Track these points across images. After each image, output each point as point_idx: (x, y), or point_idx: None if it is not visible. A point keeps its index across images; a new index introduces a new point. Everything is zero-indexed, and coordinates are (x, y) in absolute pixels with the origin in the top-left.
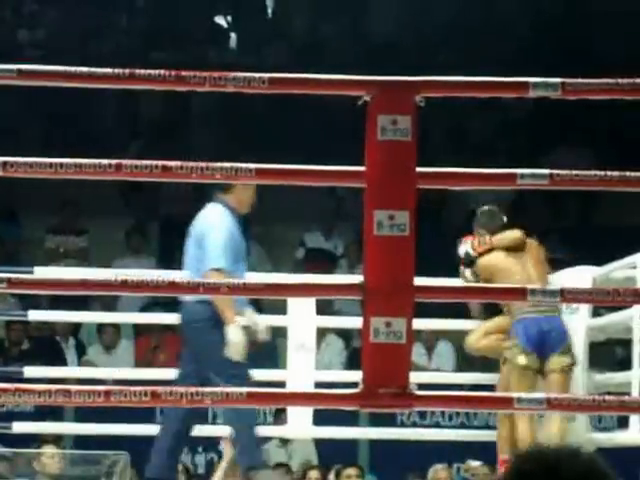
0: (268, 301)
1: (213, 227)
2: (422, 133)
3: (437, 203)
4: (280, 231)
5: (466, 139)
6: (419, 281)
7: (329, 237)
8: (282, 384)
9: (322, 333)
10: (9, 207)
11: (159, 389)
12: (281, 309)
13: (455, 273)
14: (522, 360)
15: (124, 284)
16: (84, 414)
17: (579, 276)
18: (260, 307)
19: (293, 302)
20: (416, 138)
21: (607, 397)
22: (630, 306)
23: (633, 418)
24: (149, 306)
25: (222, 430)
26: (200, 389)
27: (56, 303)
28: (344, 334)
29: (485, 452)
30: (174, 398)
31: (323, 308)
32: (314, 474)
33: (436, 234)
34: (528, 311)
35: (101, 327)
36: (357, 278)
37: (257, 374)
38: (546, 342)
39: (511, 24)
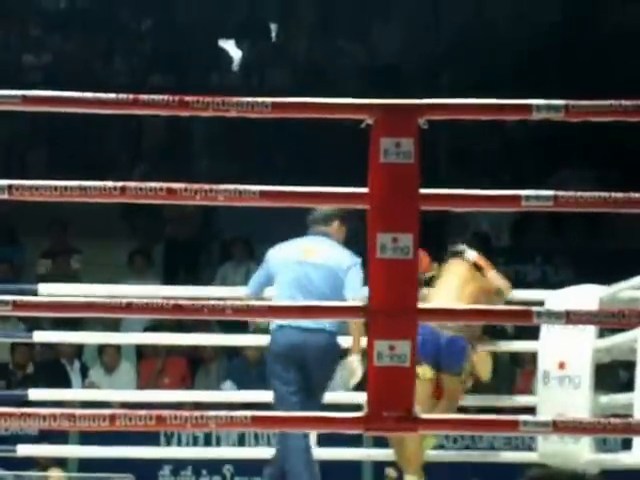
0: None
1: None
2: (426, 155)
3: (438, 225)
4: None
5: (470, 161)
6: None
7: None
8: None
9: None
10: (11, 229)
11: (164, 413)
12: None
13: None
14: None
15: (129, 306)
16: (89, 437)
17: (585, 295)
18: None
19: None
20: (419, 160)
21: (612, 420)
22: (635, 327)
23: (637, 440)
24: (153, 328)
25: (228, 452)
26: (204, 413)
27: (58, 324)
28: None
29: (490, 473)
30: (179, 422)
31: None
32: None
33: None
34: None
35: (102, 348)
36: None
37: (262, 396)
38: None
39: (513, 44)
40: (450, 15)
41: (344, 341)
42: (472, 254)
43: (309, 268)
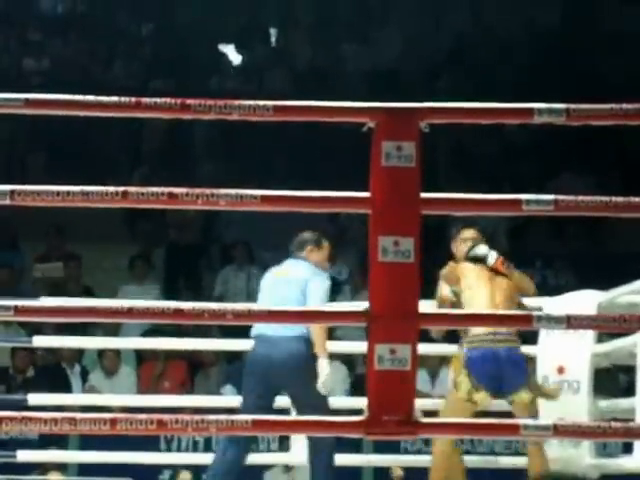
0: None
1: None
2: (426, 158)
3: (438, 228)
4: (285, 256)
5: (471, 165)
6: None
7: (333, 263)
8: (287, 410)
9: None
10: (12, 234)
11: (165, 417)
12: None
13: None
14: (469, 394)
15: (130, 311)
16: (89, 442)
17: (583, 300)
18: None
19: None
20: (420, 164)
21: (613, 424)
22: (635, 332)
23: (638, 444)
24: (150, 332)
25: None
26: (205, 417)
27: (59, 329)
28: (348, 361)
29: (490, 478)
30: (180, 426)
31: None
32: None
33: (437, 259)
34: (484, 340)
35: (101, 352)
36: (362, 305)
37: None
38: (503, 378)
39: (513, 48)
40: (450, 19)
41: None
42: (493, 256)
43: (279, 284)
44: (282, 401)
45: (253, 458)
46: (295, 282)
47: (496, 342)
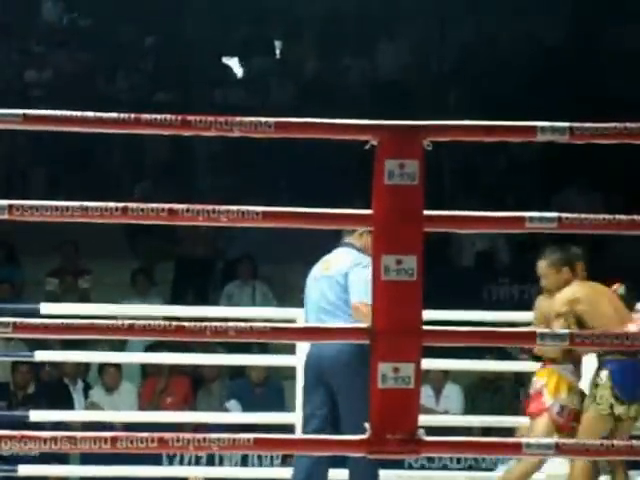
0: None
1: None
2: (430, 174)
3: (441, 243)
4: (286, 271)
5: (476, 180)
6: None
7: None
8: (291, 426)
9: None
10: (10, 249)
11: (166, 435)
12: (289, 349)
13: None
14: (610, 409)
15: (131, 328)
16: (90, 456)
17: None
18: (267, 346)
19: (302, 342)
20: (423, 182)
21: (615, 442)
22: None
23: None
24: (155, 347)
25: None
26: (207, 435)
27: (66, 344)
28: None
29: None
30: (181, 444)
31: None
32: None
33: (442, 275)
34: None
35: (102, 368)
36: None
37: (265, 417)
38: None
39: (518, 62)
40: (455, 34)
41: None
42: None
43: (322, 282)
44: (284, 417)
45: (258, 473)
46: (335, 277)
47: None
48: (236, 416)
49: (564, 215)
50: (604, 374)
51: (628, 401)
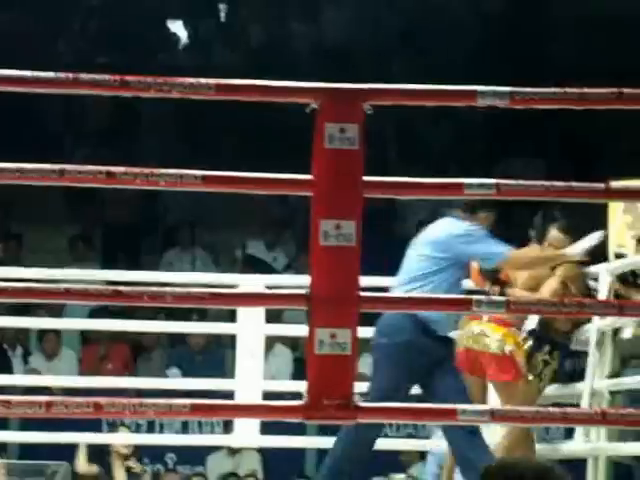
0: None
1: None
2: (377, 143)
3: (387, 212)
4: (227, 237)
5: (421, 148)
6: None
7: (272, 248)
8: (230, 394)
9: (270, 343)
10: None
11: (102, 400)
12: (227, 316)
13: None
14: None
15: (68, 292)
16: (30, 423)
17: None
18: (206, 314)
19: (242, 310)
20: (364, 146)
21: (551, 409)
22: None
23: (578, 430)
24: (97, 313)
25: (170, 439)
26: (143, 401)
27: (8, 310)
28: (292, 344)
29: None
30: (117, 410)
31: (273, 317)
32: None
33: (385, 245)
34: None
35: (42, 335)
36: (303, 288)
37: (205, 384)
38: None
39: (463, 31)
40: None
41: None
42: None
43: (413, 247)
44: (224, 384)
45: (198, 440)
46: (426, 244)
47: None
48: (176, 382)
49: (502, 182)
50: (556, 354)
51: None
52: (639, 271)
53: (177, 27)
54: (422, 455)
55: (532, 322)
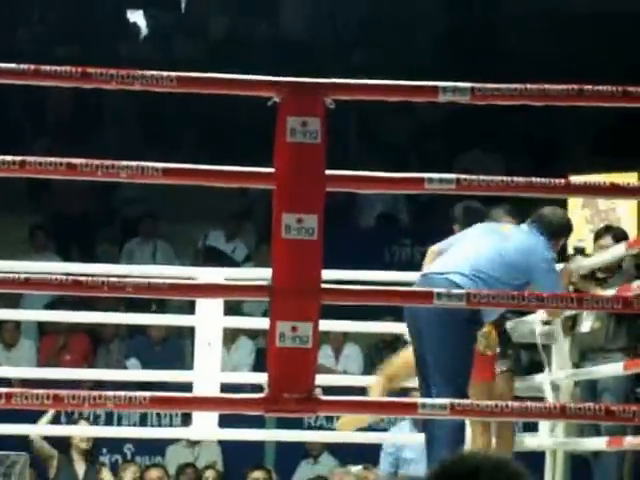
0: (175, 300)
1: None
2: (338, 137)
3: (346, 205)
4: (188, 230)
5: (380, 142)
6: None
7: (231, 239)
8: (189, 385)
9: (234, 335)
10: None
11: (62, 392)
12: (187, 308)
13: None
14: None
15: (27, 282)
16: None
17: None
18: (166, 306)
19: (201, 302)
20: (326, 140)
21: (510, 403)
22: (535, 311)
23: (542, 424)
24: (55, 304)
25: (129, 431)
26: (103, 393)
27: None
28: (254, 335)
29: None
30: (77, 402)
31: (234, 309)
32: (210, 473)
33: (344, 237)
34: None
35: (1, 324)
36: (265, 279)
37: (164, 375)
38: None
39: (426, 24)
40: None
41: None
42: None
43: (492, 235)
44: (183, 375)
45: (156, 433)
46: (512, 247)
47: None
48: (135, 374)
49: (462, 176)
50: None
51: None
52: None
53: (137, 17)
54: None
55: None
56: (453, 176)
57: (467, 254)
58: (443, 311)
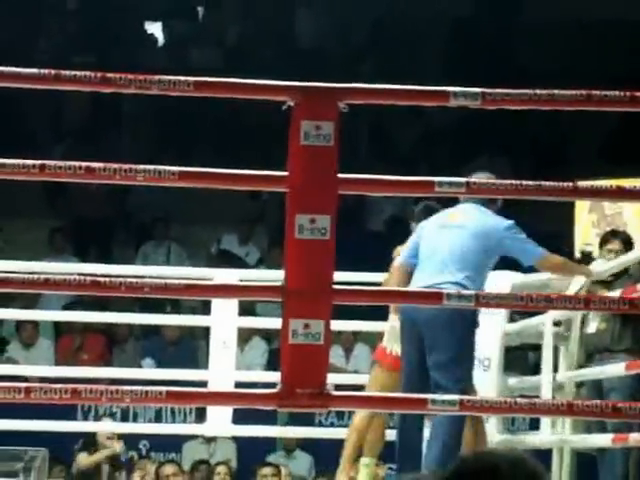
0: (189, 301)
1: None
2: (349, 141)
3: (355, 207)
4: (200, 233)
5: (391, 147)
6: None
7: (244, 242)
8: (204, 384)
9: (247, 335)
10: None
11: (79, 387)
12: (200, 310)
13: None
14: None
15: (47, 282)
16: (4, 410)
17: (500, 280)
18: (180, 307)
19: (217, 302)
20: (338, 144)
21: (518, 400)
22: (543, 312)
23: (544, 420)
24: (71, 305)
25: (144, 428)
26: (120, 388)
27: None
28: (267, 336)
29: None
30: (94, 396)
31: (248, 310)
32: (222, 469)
33: (353, 240)
34: None
35: (20, 324)
36: (278, 280)
37: (179, 374)
38: None
39: (435, 32)
40: (370, 5)
41: None
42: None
43: (446, 232)
44: (197, 374)
45: (171, 429)
46: (469, 230)
47: None
48: (150, 372)
49: (472, 180)
50: None
51: None
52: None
53: (155, 28)
54: None
55: None
56: (463, 180)
57: (444, 261)
58: (446, 314)
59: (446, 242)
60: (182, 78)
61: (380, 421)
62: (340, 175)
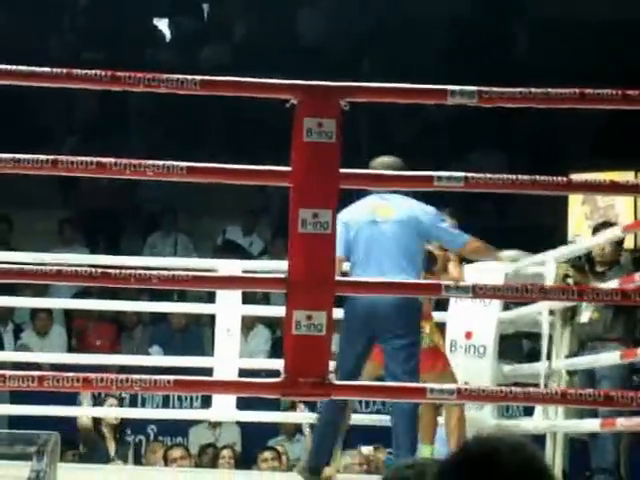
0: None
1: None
2: (348, 136)
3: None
4: (206, 224)
5: (391, 142)
6: None
7: (248, 234)
8: (209, 370)
9: (251, 324)
10: None
11: (91, 375)
12: (206, 299)
13: None
14: None
15: (59, 274)
16: (19, 396)
17: (492, 270)
18: (186, 296)
19: (221, 291)
20: (340, 140)
21: (513, 389)
22: (537, 301)
23: (538, 407)
24: (80, 295)
25: (152, 413)
26: (129, 376)
27: None
28: (271, 324)
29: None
30: (105, 384)
31: (253, 298)
32: (227, 453)
33: None
34: None
35: (34, 313)
36: (280, 270)
37: (185, 361)
38: None
39: (433, 32)
40: (370, 4)
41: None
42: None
43: (382, 227)
44: (203, 361)
45: (178, 414)
46: (403, 224)
47: None
48: (158, 359)
49: (470, 175)
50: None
51: None
52: (596, 258)
53: (162, 25)
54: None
55: None
56: (461, 174)
57: (390, 255)
58: (404, 302)
59: (384, 238)
60: (189, 77)
61: (430, 406)
62: (342, 170)
